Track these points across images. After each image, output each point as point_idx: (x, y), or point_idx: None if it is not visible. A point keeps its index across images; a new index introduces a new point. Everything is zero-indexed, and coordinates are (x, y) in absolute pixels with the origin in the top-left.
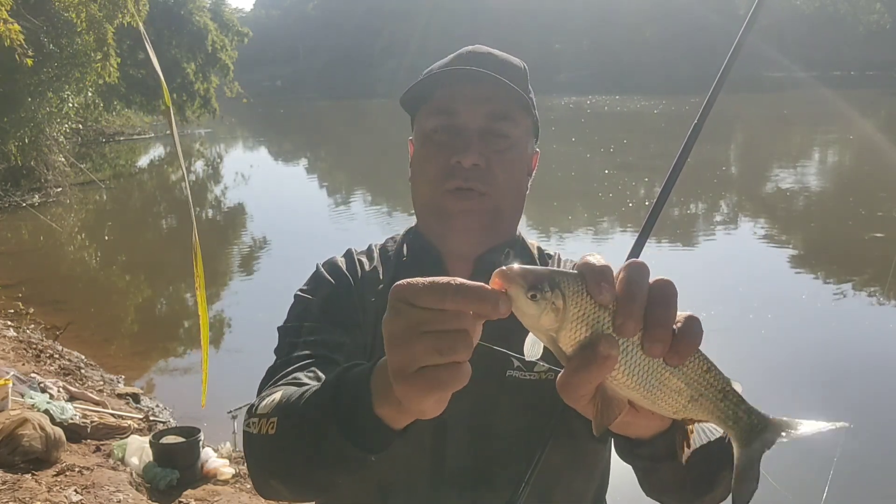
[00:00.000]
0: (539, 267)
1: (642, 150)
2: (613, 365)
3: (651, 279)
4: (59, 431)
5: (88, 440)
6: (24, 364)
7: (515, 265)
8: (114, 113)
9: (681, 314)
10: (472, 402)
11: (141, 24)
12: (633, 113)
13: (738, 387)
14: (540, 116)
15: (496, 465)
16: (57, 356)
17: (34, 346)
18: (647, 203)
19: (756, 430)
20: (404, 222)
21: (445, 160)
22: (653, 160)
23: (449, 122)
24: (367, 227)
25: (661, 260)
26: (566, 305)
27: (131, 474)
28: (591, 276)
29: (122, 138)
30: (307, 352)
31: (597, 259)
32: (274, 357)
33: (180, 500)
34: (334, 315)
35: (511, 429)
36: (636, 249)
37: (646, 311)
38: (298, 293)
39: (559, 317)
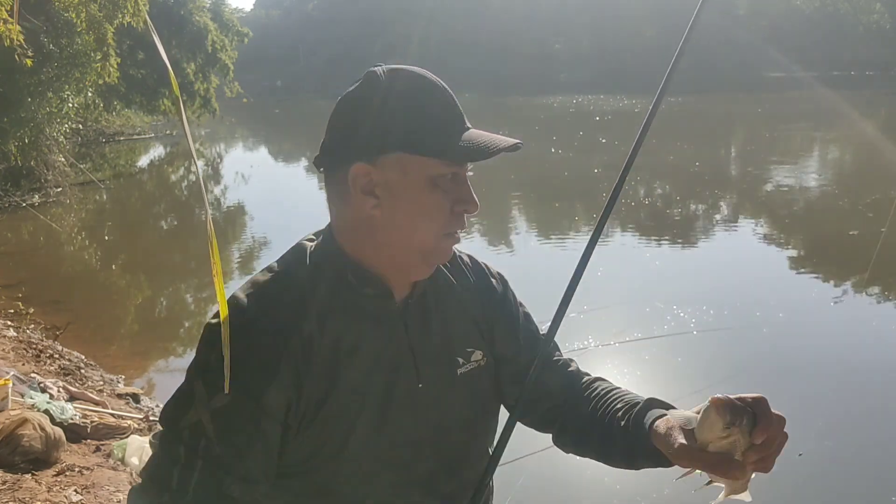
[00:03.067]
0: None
1: (620, 149)
2: None
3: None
4: (59, 431)
5: (88, 440)
6: (24, 364)
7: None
8: (114, 113)
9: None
10: (435, 410)
11: (148, 18)
12: (616, 112)
13: None
14: (532, 116)
15: (461, 459)
16: (57, 356)
17: (34, 346)
18: (646, 202)
19: None
20: None
21: (456, 208)
22: (638, 158)
23: (456, 171)
24: None
25: (661, 259)
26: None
27: (131, 474)
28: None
29: (122, 138)
30: None
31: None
32: None
33: None
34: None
35: (465, 420)
36: (590, 244)
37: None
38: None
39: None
